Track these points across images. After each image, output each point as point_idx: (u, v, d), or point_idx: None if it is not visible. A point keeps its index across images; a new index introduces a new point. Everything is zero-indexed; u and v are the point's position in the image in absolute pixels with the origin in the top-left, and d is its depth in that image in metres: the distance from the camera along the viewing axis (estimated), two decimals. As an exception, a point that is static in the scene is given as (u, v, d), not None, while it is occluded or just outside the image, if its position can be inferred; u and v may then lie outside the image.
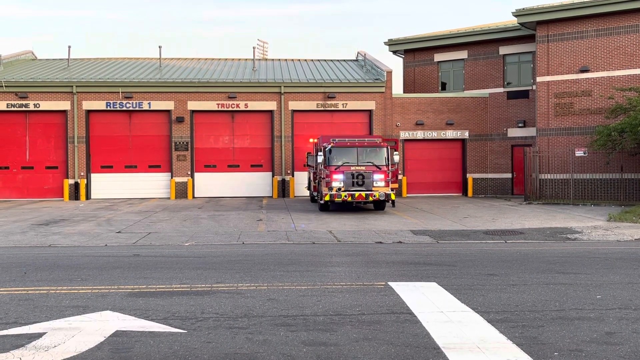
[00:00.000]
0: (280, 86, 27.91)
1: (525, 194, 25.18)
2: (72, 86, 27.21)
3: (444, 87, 30.76)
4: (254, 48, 32.65)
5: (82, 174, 27.33)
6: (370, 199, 19.73)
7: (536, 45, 25.46)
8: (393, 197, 20.11)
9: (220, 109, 27.75)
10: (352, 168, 19.92)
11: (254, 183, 28.15)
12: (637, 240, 14.01)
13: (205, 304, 7.46)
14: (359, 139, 21.26)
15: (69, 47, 31.66)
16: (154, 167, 27.87)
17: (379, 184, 19.85)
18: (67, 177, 27.31)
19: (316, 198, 22.43)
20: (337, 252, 12.08)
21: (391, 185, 20.53)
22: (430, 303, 7.46)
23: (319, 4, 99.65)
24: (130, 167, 27.78)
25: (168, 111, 27.68)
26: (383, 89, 28.15)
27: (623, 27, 23.73)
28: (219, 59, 34.74)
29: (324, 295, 7.94)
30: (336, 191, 19.62)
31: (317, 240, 14.01)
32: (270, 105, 27.95)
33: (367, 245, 13.14)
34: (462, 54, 29.88)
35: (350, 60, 34.98)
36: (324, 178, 20.30)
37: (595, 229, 15.77)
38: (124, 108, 27.43)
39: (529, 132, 27.83)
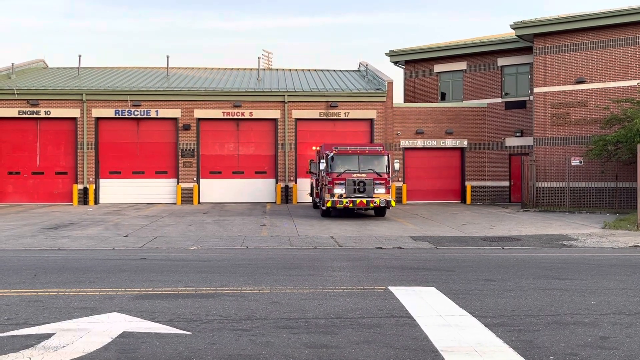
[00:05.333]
0: (284, 95, 28.49)
1: (523, 201, 25.57)
2: (82, 94, 27.78)
3: (443, 97, 31.22)
4: (259, 58, 33.40)
5: (91, 179, 27.84)
6: (371, 205, 20.09)
7: (533, 57, 25.90)
8: (393, 204, 20.51)
9: (225, 117, 28.31)
10: (354, 175, 20.25)
11: (258, 189, 28.66)
12: (632, 247, 14.11)
13: (209, 306, 7.56)
14: (360, 147, 21.61)
15: (79, 56, 32.15)
16: (160, 173, 28.38)
17: (380, 191, 20.14)
18: (77, 183, 27.81)
19: (318, 204, 22.73)
20: (338, 257, 12.17)
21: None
22: (429, 307, 7.55)
23: (322, 17, 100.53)
24: (138, 173, 28.29)
25: (175, 119, 28.25)
26: (384, 99, 28.70)
27: (618, 40, 24.15)
28: (225, 69, 35.32)
29: (325, 298, 8.01)
30: (338, 198, 19.96)
31: (319, 245, 14.15)
32: (275, 113, 28.52)
33: (368, 251, 13.27)
34: (462, 65, 30.36)
35: (353, 70, 35.50)
36: (326, 185, 20.60)
37: (590, 236, 15.91)
38: (132, 116, 27.97)
39: (526, 141, 28.30)
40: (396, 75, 65.36)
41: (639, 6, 23.51)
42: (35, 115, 27.71)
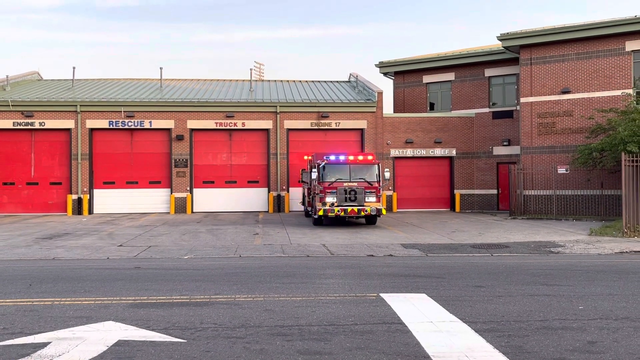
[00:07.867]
0: (276, 106, 28.82)
1: (511, 209, 25.95)
2: (76, 105, 27.99)
3: (432, 107, 31.65)
4: (250, 69, 33.80)
5: (85, 189, 27.98)
6: (362, 213, 20.38)
7: (520, 67, 26.40)
8: (384, 212, 20.83)
9: (218, 127, 28.58)
10: (345, 184, 20.54)
11: (251, 198, 28.90)
12: (617, 253, 14.40)
13: (204, 314, 7.63)
14: (351, 156, 22.10)
15: (74, 68, 32.29)
16: (154, 183, 28.58)
17: (371, 199, 20.46)
18: (71, 193, 27.96)
19: (310, 213, 23.00)
20: (330, 265, 12.29)
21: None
22: (420, 313, 7.64)
23: (313, 29, 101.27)
24: (132, 183, 28.47)
25: (168, 129, 28.50)
26: (374, 109, 29.10)
27: (602, 51, 24.69)
28: (218, 80, 35.62)
29: (318, 306, 8.09)
30: (329, 206, 20.26)
31: (312, 253, 14.35)
32: (267, 124, 28.83)
33: (360, 258, 13.46)
34: (450, 76, 30.81)
35: (343, 81, 35.90)
36: (317, 194, 20.88)
37: (577, 243, 16.19)
38: (126, 126, 28.20)
39: (514, 150, 28.77)
40: (386, 86, 65.79)
41: (622, 18, 24.12)
42: (29, 127, 27.88)
